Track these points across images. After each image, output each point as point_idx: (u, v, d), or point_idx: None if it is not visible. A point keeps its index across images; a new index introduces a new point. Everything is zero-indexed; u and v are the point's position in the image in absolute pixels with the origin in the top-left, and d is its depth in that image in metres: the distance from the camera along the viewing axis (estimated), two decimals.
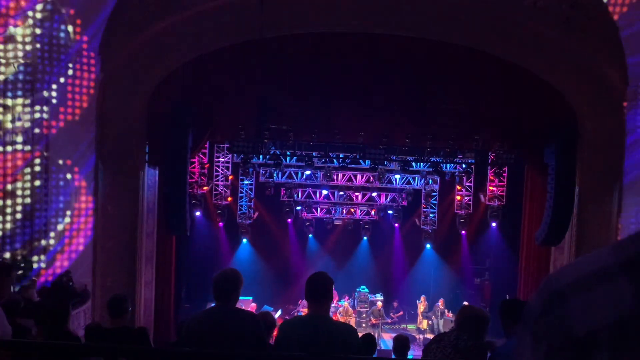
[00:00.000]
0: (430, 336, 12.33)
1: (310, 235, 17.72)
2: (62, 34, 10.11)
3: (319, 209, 17.47)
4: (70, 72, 10.32)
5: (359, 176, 16.80)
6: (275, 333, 4.83)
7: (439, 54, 11.55)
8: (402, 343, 6.66)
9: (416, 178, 16.86)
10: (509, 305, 4.48)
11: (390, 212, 17.56)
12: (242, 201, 16.73)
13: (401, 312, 16.16)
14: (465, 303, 11.85)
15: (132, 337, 4.90)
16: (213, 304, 4.01)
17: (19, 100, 9.88)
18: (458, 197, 17.20)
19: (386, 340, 14.41)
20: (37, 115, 10.05)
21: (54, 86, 10.21)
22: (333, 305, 13.77)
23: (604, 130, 11.34)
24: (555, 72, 11.31)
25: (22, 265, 8.88)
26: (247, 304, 13.72)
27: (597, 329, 0.72)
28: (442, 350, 4.10)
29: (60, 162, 10.41)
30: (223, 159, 15.89)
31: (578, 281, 0.77)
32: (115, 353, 3.66)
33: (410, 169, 14.67)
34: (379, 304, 15.24)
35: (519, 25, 10.70)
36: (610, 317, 0.72)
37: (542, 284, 0.83)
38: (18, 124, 9.84)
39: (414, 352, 11.76)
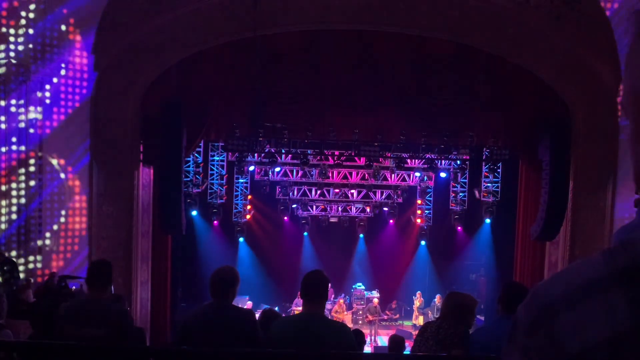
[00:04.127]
0: None
1: (305, 233, 17.73)
2: (55, 34, 10.07)
3: (314, 207, 17.48)
4: (63, 72, 10.29)
5: (354, 173, 16.82)
6: None
7: (431, 50, 11.57)
8: (398, 344, 6.63)
9: (411, 175, 16.90)
10: (513, 291, 4.22)
11: (385, 209, 17.58)
12: (237, 200, 16.72)
13: (397, 315, 16.21)
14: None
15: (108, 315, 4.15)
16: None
17: (13, 101, 9.84)
18: (453, 194, 17.24)
19: (382, 337, 14.44)
20: (30, 115, 10.02)
21: (47, 86, 10.17)
22: (329, 302, 13.78)
23: (597, 124, 11.38)
24: (548, 68, 11.34)
25: (6, 267, 8.81)
26: (243, 302, 13.72)
27: (591, 346, 0.68)
28: (425, 343, 4.17)
29: (55, 162, 10.38)
30: (218, 158, 15.87)
31: (568, 294, 0.73)
32: (113, 353, 3.65)
33: (405, 165, 14.68)
34: (375, 300, 15.26)
35: (511, 21, 10.72)
36: (604, 333, 0.68)
37: (529, 297, 0.78)
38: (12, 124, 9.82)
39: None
